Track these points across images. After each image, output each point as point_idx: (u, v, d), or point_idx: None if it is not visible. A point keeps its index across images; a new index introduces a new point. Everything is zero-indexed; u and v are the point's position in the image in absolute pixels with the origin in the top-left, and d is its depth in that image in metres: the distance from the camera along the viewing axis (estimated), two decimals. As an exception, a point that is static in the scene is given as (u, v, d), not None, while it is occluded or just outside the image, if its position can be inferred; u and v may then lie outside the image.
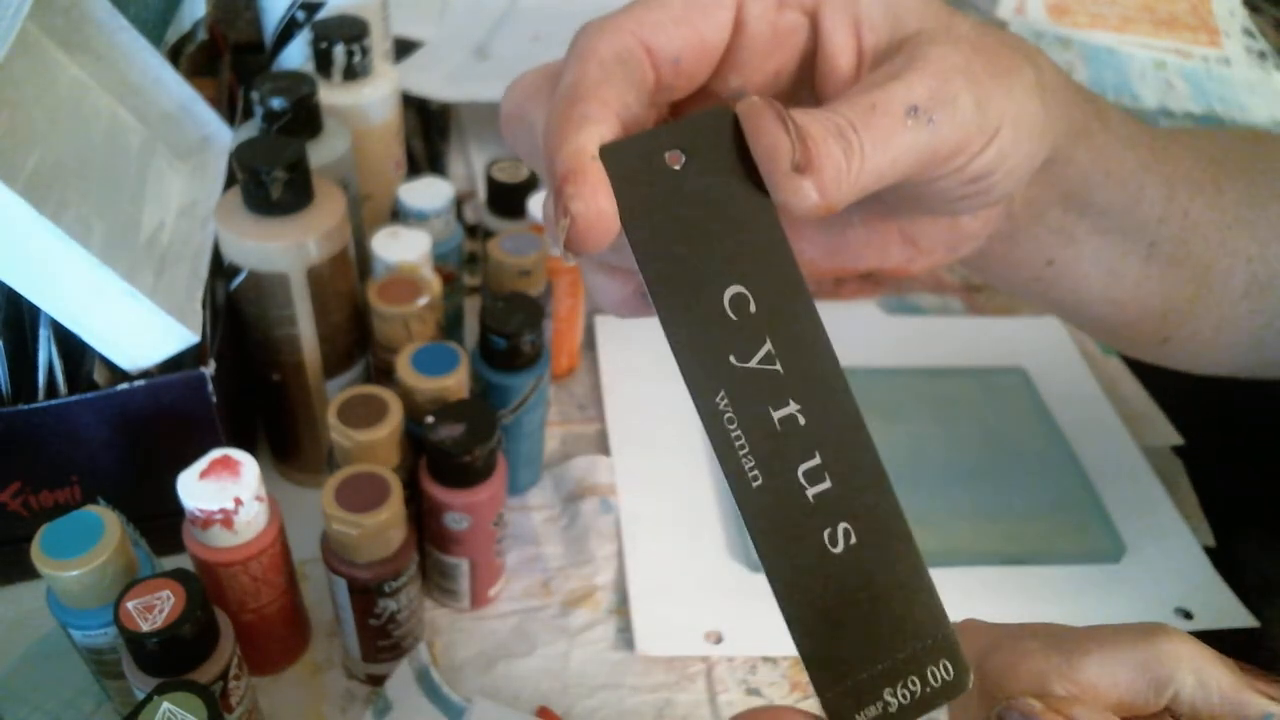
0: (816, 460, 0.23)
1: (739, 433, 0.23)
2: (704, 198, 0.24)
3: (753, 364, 0.23)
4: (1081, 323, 0.39)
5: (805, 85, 0.29)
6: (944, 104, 0.25)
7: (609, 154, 0.23)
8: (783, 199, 0.24)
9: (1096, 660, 0.25)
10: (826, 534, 0.23)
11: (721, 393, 0.23)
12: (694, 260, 0.23)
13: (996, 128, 0.27)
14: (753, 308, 0.23)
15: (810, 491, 0.23)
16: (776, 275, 0.23)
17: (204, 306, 0.43)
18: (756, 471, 0.23)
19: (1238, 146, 0.37)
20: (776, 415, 0.23)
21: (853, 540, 0.23)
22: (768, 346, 0.23)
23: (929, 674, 0.22)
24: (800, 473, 0.23)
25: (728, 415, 0.23)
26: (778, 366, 0.23)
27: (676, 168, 0.24)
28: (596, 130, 0.24)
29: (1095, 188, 0.32)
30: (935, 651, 0.22)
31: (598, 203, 0.23)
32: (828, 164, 0.23)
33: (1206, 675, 0.24)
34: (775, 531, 0.22)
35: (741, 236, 0.24)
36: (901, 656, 0.22)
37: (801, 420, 0.23)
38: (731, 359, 0.23)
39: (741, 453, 0.23)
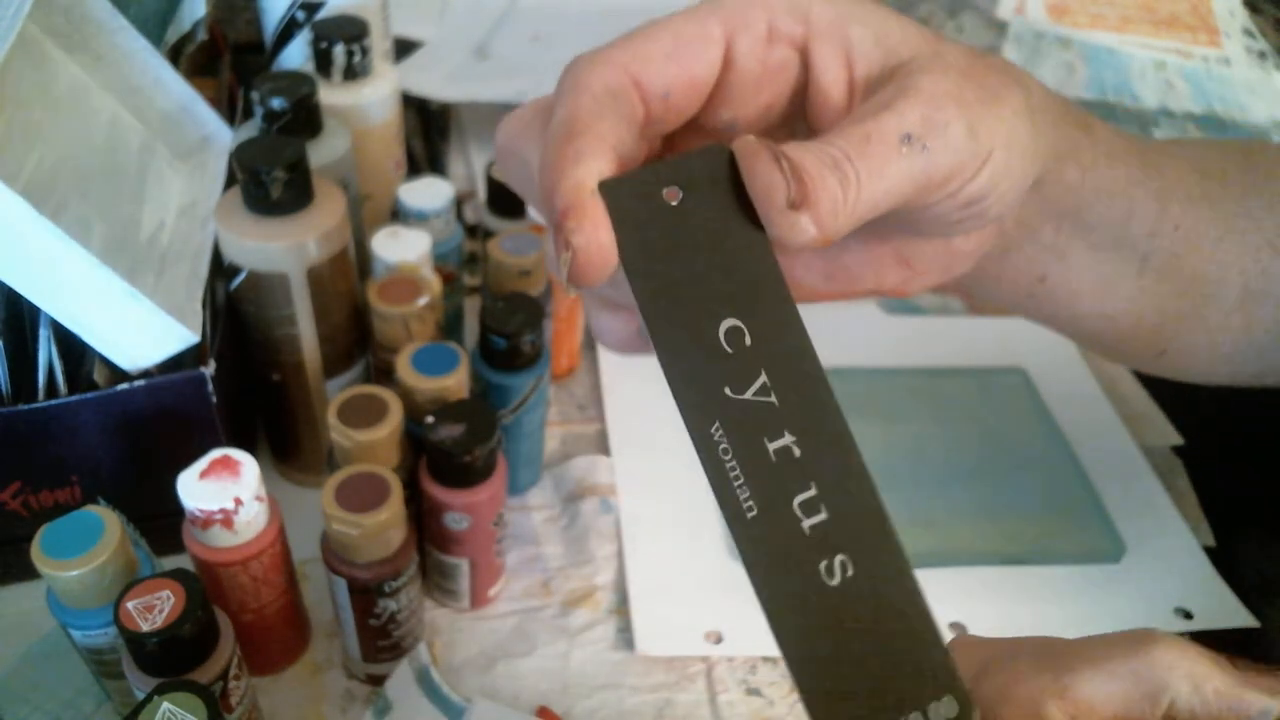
0: (812, 491, 0.23)
1: (734, 464, 0.23)
2: (700, 232, 0.24)
3: (747, 396, 0.23)
4: (1077, 337, 0.39)
5: (798, 117, 0.30)
6: (937, 131, 0.25)
7: (608, 189, 0.24)
8: (779, 235, 0.24)
9: (1087, 676, 0.25)
10: (823, 566, 0.22)
11: (716, 424, 0.23)
12: (690, 294, 0.24)
13: (989, 152, 0.27)
14: (748, 340, 0.23)
15: (806, 523, 0.23)
16: (771, 309, 0.24)
17: (204, 306, 0.43)
18: (751, 502, 0.23)
19: (1231, 158, 0.36)
20: (771, 447, 0.23)
21: (850, 572, 0.22)
22: (762, 379, 0.23)
23: (931, 711, 0.22)
24: (796, 504, 0.23)
25: (723, 446, 0.23)
26: (772, 398, 0.23)
27: (674, 203, 0.24)
28: (594, 165, 0.24)
29: (1085, 204, 0.32)
30: (937, 687, 0.22)
31: (599, 237, 0.23)
32: (824, 197, 0.24)
33: (1201, 679, 0.24)
34: (771, 563, 0.22)
35: (737, 270, 0.24)
36: (903, 692, 0.22)
37: (797, 452, 0.23)
38: (727, 391, 0.23)
39: (736, 484, 0.23)
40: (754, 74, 0.28)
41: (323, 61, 0.51)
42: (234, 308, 0.45)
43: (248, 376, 0.47)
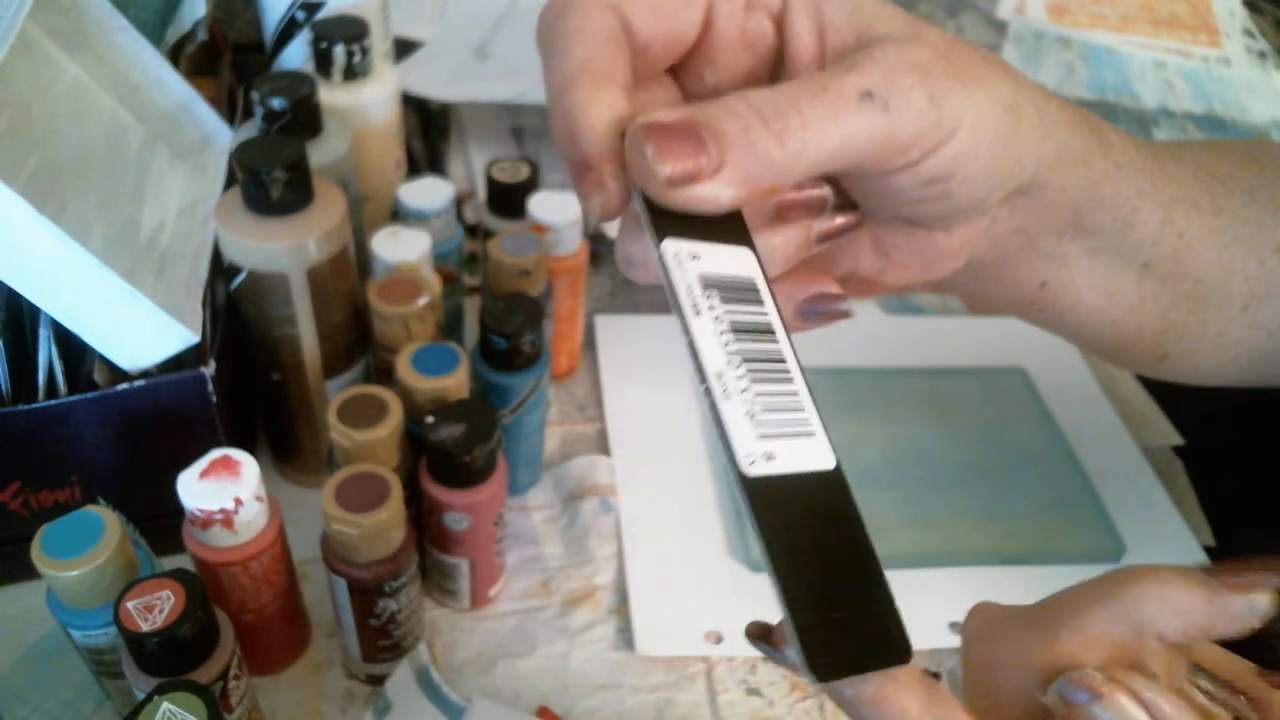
0: None
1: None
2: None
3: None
4: (1079, 342, 0.39)
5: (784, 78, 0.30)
6: (898, 93, 0.26)
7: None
8: (682, 208, 0.25)
9: (1070, 628, 0.25)
10: None
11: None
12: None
13: (953, 129, 0.27)
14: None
15: None
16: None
17: (204, 306, 0.43)
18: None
19: (1239, 162, 0.36)
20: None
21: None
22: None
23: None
24: None
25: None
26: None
27: None
28: (616, 108, 0.26)
29: (1088, 213, 0.32)
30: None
31: (620, 183, 0.26)
32: (740, 156, 0.24)
33: (1180, 602, 0.25)
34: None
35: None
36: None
37: None
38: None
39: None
40: (733, 38, 0.29)
41: (323, 61, 0.51)
42: (234, 308, 0.45)
43: (248, 376, 0.47)
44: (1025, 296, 0.35)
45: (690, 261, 0.24)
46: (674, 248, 0.24)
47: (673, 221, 0.25)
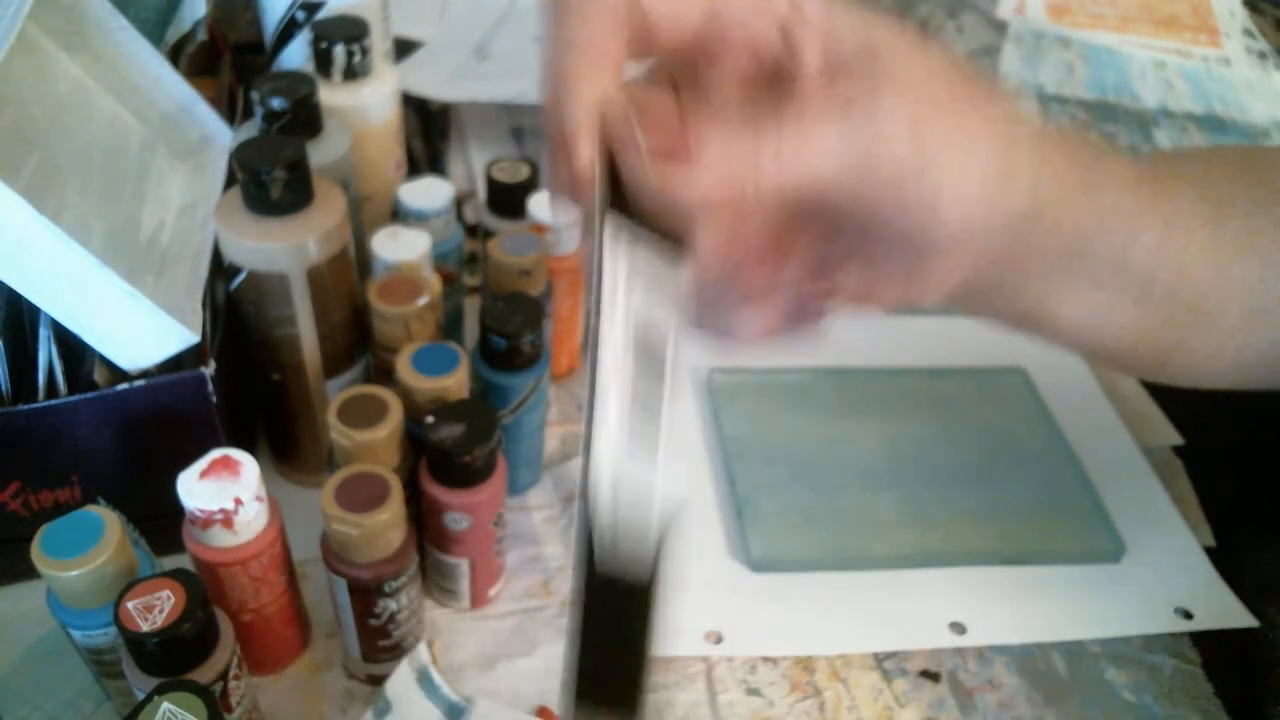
0: None
1: None
2: None
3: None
4: (1078, 353, 0.39)
5: (785, 89, 0.30)
6: (884, 120, 0.26)
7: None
8: (654, 188, 0.25)
9: None
10: None
11: None
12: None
13: (934, 157, 0.27)
14: None
15: None
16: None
17: (204, 306, 0.43)
18: None
19: (1240, 173, 0.36)
20: None
21: None
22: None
23: None
24: None
25: None
26: None
27: None
28: (604, 85, 0.27)
29: (1087, 239, 0.32)
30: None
31: (588, 163, 0.27)
32: (715, 160, 0.25)
33: None
34: None
35: None
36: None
37: None
38: None
39: None
40: (739, 36, 0.29)
41: (323, 61, 0.51)
42: (234, 308, 0.45)
43: (248, 376, 0.47)
44: (1021, 317, 0.35)
45: (627, 242, 0.25)
46: (617, 226, 0.25)
47: (624, 205, 0.26)
